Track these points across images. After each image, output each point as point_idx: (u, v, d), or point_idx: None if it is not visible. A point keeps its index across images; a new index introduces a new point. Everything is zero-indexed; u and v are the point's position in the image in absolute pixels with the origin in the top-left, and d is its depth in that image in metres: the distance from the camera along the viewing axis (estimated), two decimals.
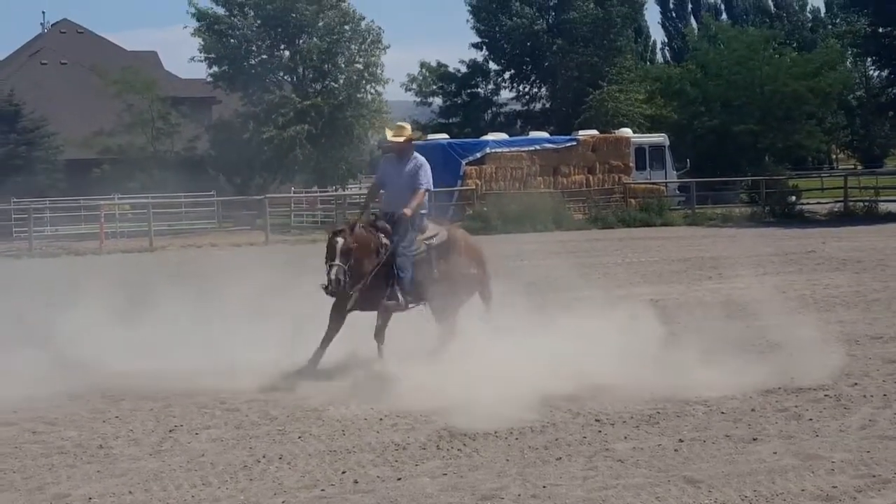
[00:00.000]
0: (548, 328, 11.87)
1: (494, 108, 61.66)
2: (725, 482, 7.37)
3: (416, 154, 11.75)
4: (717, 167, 47.83)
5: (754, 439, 8.46)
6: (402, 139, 11.72)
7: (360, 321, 11.29)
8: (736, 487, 7.25)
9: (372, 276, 11.14)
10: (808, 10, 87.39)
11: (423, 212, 11.61)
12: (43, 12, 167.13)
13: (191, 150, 51.71)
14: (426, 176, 11.58)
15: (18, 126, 47.97)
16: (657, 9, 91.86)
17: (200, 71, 57.10)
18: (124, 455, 8.43)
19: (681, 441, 8.46)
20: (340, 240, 10.90)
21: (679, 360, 11.77)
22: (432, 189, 11.78)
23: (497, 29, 59.59)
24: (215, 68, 52.04)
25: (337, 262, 10.82)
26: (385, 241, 11.32)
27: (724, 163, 48.98)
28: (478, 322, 11.64)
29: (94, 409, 9.96)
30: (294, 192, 48.77)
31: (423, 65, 60.22)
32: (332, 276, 10.79)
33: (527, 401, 9.91)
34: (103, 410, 9.91)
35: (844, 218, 39.67)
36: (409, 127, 12.12)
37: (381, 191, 12.11)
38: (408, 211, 11.31)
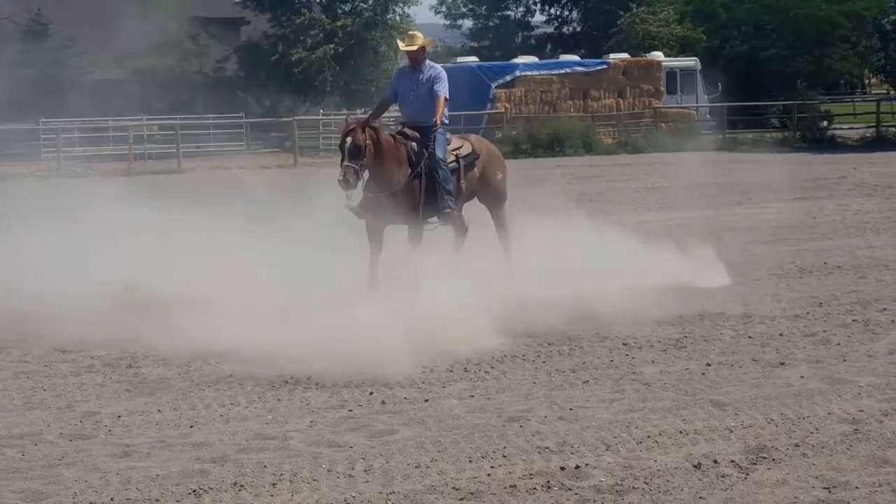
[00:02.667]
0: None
1: (525, 32, 61.01)
2: (752, 405, 7.37)
3: (430, 62, 11.37)
4: (749, 92, 47.21)
5: (782, 363, 8.45)
6: (414, 48, 11.25)
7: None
8: (762, 411, 7.25)
9: (405, 187, 10.82)
10: None
11: (445, 121, 11.30)
12: None
13: (219, 71, 51.48)
14: (444, 84, 11.16)
15: (46, 45, 47.84)
16: None
17: None
18: (153, 375, 8.50)
19: (708, 365, 8.46)
20: (349, 139, 10.47)
21: (706, 285, 11.78)
22: (447, 97, 11.27)
23: None
24: None
25: (346, 161, 10.40)
26: (416, 149, 10.98)
27: (756, 87, 48.31)
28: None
29: (125, 329, 9.95)
30: (323, 114, 48.61)
31: None
32: (341, 177, 10.37)
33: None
34: (132, 330, 9.88)
35: (876, 143, 39.21)
36: (420, 35, 11.59)
37: (396, 104, 11.74)
38: (437, 120, 11.04)
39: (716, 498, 5.84)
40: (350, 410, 7.49)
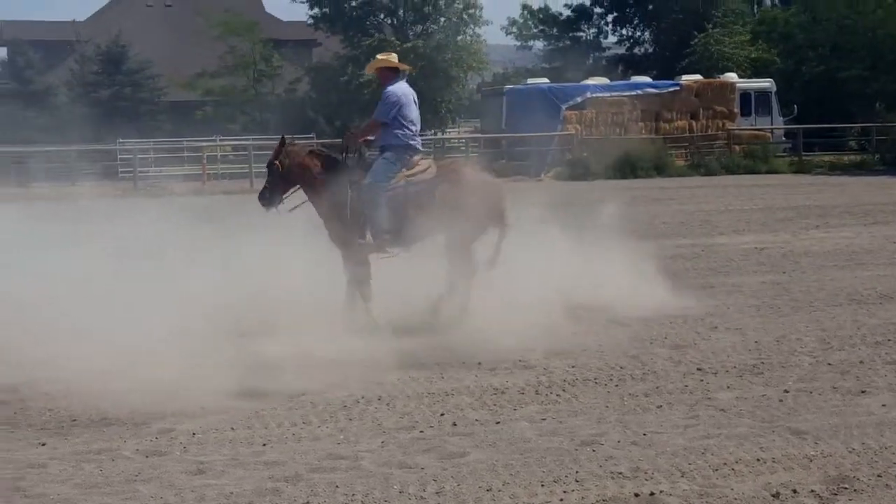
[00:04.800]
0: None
1: (597, 53, 60.88)
2: (832, 434, 7.20)
3: (387, 87, 10.82)
4: (826, 113, 46.60)
5: (862, 392, 8.27)
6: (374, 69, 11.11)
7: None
8: (843, 440, 7.09)
9: (328, 211, 10.63)
10: None
11: (390, 143, 10.65)
12: None
13: (291, 92, 52.00)
14: (380, 107, 10.74)
15: (124, 68, 48.68)
16: None
17: (302, 13, 57.33)
18: (226, 393, 8.51)
19: (786, 392, 8.30)
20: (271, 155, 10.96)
21: (783, 310, 11.63)
22: (385, 120, 10.63)
23: None
24: (316, 10, 52.17)
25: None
26: (323, 170, 10.76)
27: (833, 109, 47.66)
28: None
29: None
30: None
31: (525, 7, 59.63)
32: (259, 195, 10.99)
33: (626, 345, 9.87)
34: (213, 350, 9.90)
35: None
36: (386, 56, 11.15)
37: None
38: (352, 135, 10.98)
39: None
40: (421, 431, 7.46)
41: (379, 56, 11.22)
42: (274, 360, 9.14)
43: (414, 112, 10.81)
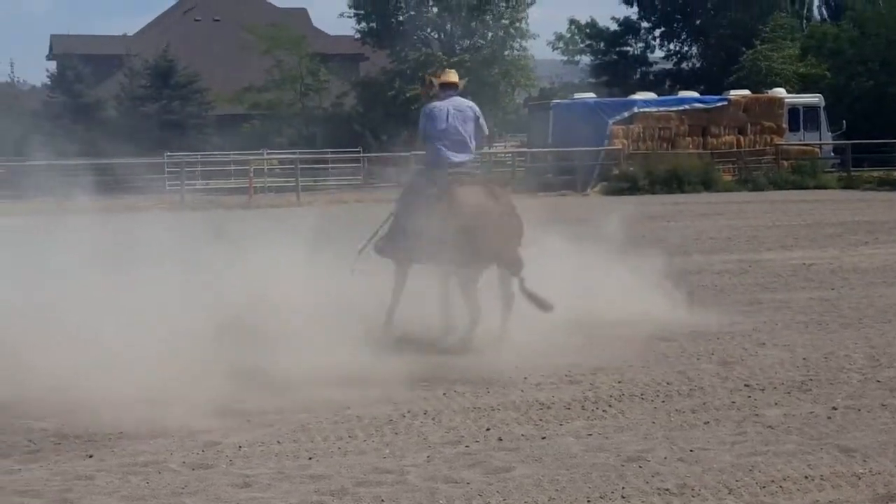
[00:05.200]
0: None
1: (644, 68, 60.76)
2: (881, 452, 7.13)
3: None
4: (874, 129, 46.25)
5: None
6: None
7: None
8: (892, 458, 7.01)
9: None
10: None
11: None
12: None
13: (338, 106, 52.34)
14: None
15: (172, 82, 49.23)
16: None
17: (349, 27, 57.70)
18: (272, 406, 8.57)
19: (834, 409, 8.22)
20: None
21: (832, 326, 11.54)
22: (421, 136, 10.93)
23: None
24: (363, 25, 52.48)
25: None
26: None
27: (883, 124, 47.30)
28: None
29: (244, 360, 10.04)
30: None
31: (572, 21, 59.66)
32: None
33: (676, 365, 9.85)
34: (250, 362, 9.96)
35: None
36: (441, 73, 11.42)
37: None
38: None
39: None
40: (467, 446, 7.46)
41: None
42: (317, 375, 9.20)
43: (442, 124, 10.72)
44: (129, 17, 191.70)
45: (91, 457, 7.36)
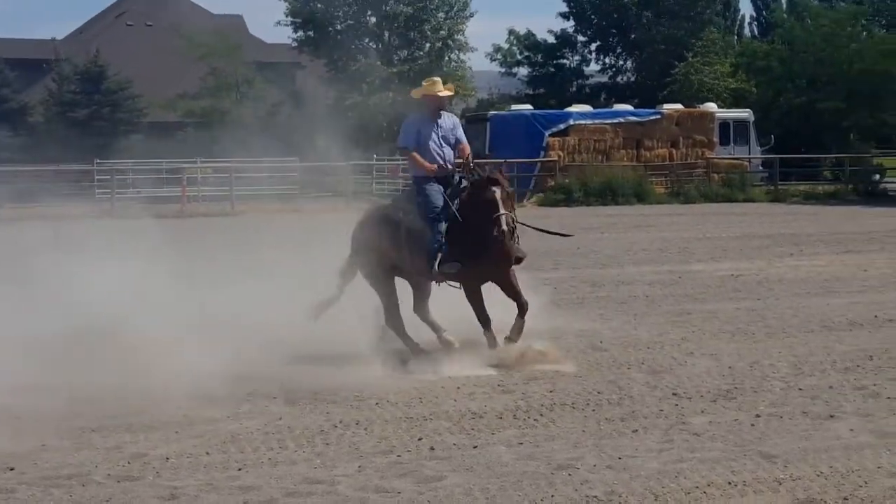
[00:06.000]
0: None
1: (580, 80, 61.23)
2: (801, 458, 7.31)
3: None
4: (802, 144, 47.07)
5: (831, 416, 8.38)
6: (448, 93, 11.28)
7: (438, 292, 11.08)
8: (812, 463, 7.19)
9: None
10: None
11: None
12: None
13: (274, 115, 52.10)
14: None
15: (103, 87, 48.63)
16: None
17: (285, 36, 57.44)
18: (201, 417, 8.54)
19: (757, 416, 8.40)
20: (497, 189, 10.44)
21: (757, 336, 11.76)
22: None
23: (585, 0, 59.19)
24: (301, 33, 52.29)
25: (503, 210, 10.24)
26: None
27: (809, 140, 48.17)
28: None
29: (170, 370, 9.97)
30: (376, 160, 48.95)
31: (511, 32, 59.90)
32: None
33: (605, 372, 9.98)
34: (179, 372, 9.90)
35: None
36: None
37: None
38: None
39: None
40: (398, 456, 7.51)
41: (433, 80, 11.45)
42: (250, 385, 9.22)
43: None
44: (59, 22, 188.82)
45: (12, 469, 7.24)
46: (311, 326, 10.49)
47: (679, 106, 44.95)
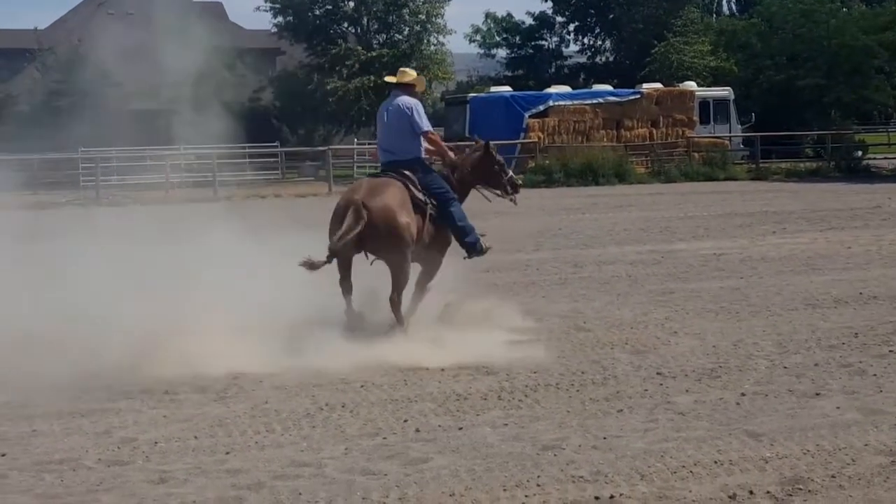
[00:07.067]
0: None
1: (559, 61, 61.21)
2: (787, 436, 7.34)
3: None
4: (783, 121, 47.12)
5: (817, 394, 8.42)
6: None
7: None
8: (798, 441, 7.23)
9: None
10: None
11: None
12: None
13: (255, 101, 51.93)
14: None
15: (86, 76, 48.40)
16: None
17: (265, 22, 57.29)
18: (190, 401, 8.57)
19: (743, 395, 8.43)
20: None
21: (741, 315, 11.80)
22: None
23: None
24: (280, 19, 52.11)
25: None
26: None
27: (790, 117, 48.21)
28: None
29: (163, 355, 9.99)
30: (357, 144, 48.88)
31: (488, 15, 59.86)
32: None
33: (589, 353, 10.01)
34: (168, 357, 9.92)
35: None
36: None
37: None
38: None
39: None
40: (384, 438, 7.52)
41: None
42: (235, 368, 9.22)
43: (379, 125, 10.98)
44: (41, 12, 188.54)
45: (3, 455, 7.30)
46: (296, 307, 10.45)
47: (659, 85, 45.02)
